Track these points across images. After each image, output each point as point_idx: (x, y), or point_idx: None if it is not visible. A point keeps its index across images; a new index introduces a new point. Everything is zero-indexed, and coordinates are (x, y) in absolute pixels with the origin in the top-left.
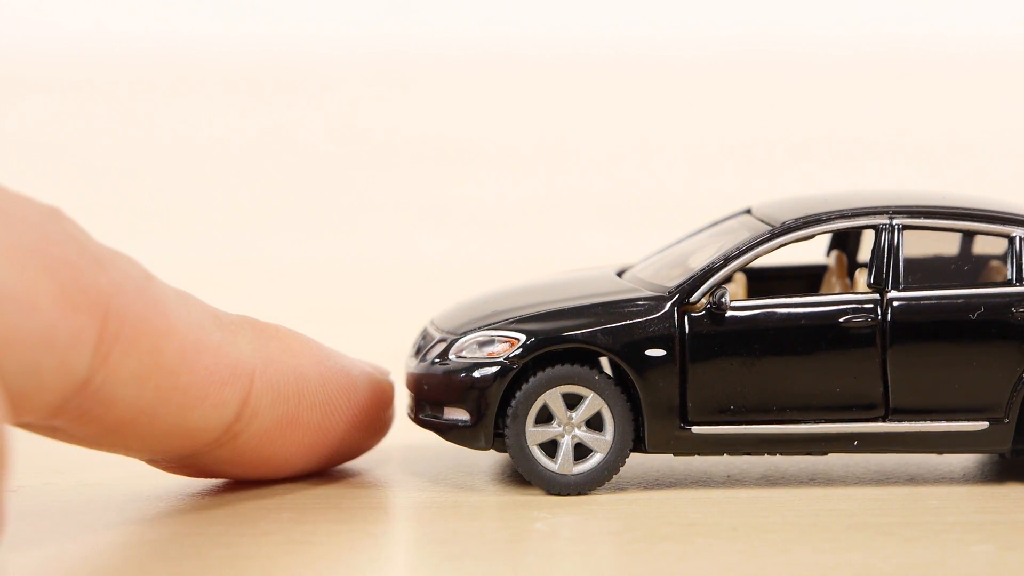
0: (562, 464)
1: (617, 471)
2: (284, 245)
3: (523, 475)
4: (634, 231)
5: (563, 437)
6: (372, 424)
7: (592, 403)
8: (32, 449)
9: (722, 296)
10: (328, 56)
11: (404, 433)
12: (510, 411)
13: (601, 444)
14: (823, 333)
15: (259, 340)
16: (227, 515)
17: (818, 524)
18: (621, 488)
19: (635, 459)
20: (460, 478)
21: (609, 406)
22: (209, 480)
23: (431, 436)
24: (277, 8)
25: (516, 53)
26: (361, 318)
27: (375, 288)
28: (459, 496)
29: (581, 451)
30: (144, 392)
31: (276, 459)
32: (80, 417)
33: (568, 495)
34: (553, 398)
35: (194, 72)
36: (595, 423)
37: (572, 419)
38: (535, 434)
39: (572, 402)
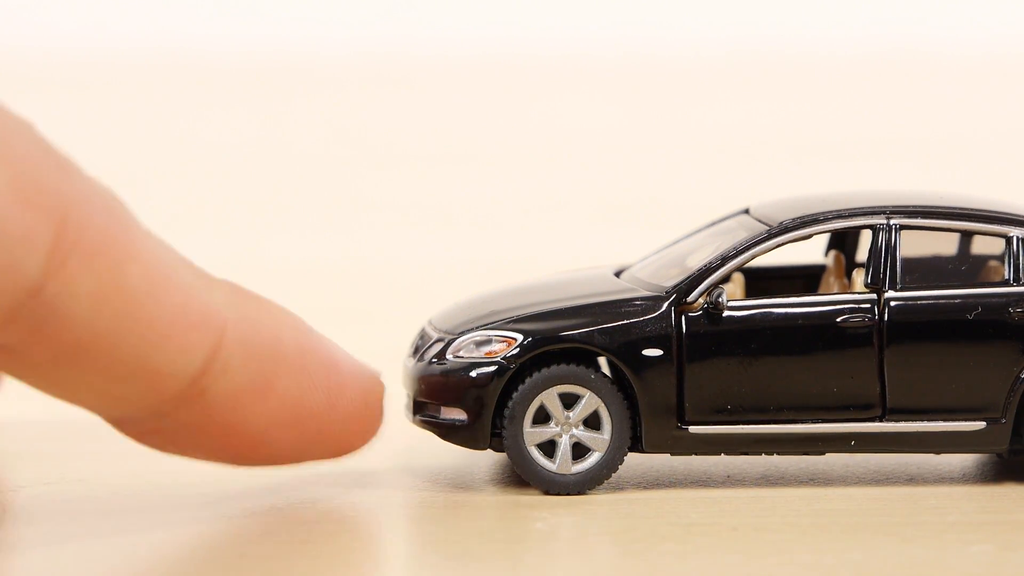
0: (560, 464)
1: (615, 469)
2: (284, 245)
3: (521, 476)
4: (634, 231)
5: (561, 437)
6: (355, 415)
7: (589, 402)
8: (32, 450)
9: (719, 296)
10: (328, 56)
11: (404, 433)
12: (507, 412)
13: (599, 443)
14: (820, 333)
15: (236, 296)
16: (227, 516)
17: (818, 524)
18: (621, 488)
19: (634, 459)
20: (460, 478)
21: (606, 405)
22: (209, 480)
23: (430, 436)
24: (277, 8)
25: (516, 53)
26: (361, 318)
27: (375, 288)
28: (459, 496)
29: (578, 451)
30: (102, 315)
31: (248, 430)
32: (34, 333)
33: (567, 495)
34: (550, 398)
35: (194, 72)
36: (592, 422)
37: (569, 419)
38: (533, 435)
39: (569, 402)
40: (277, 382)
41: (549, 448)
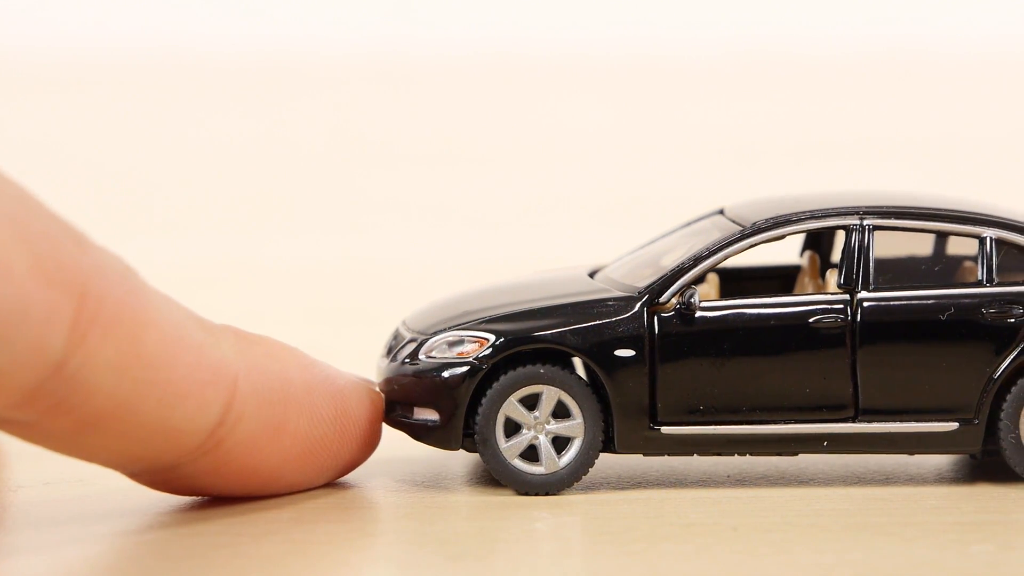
0: (547, 464)
1: (599, 448)
2: (283, 245)
3: (515, 490)
4: (633, 231)
5: (537, 439)
6: (361, 435)
7: (549, 395)
8: (31, 450)
9: (691, 296)
10: (328, 56)
11: (402, 433)
12: (477, 435)
13: (574, 429)
14: (793, 333)
15: (242, 344)
16: (226, 515)
17: (818, 524)
18: (621, 488)
19: (635, 459)
20: (460, 478)
21: (565, 392)
22: None
23: None
24: (277, 8)
25: (516, 53)
26: (361, 318)
27: (375, 288)
28: (459, 496)
29: (559, 444)
30: (123, 383)
31: (263, 469)
32: (56, 407)
33: (566, 490)
34: (511, 408)
35: (194, 72)
36: (561, 412)
37: (538, 418)
38: (511, 449)
39: (532, 403)
40: (288, 422)
41: (532, 454)
